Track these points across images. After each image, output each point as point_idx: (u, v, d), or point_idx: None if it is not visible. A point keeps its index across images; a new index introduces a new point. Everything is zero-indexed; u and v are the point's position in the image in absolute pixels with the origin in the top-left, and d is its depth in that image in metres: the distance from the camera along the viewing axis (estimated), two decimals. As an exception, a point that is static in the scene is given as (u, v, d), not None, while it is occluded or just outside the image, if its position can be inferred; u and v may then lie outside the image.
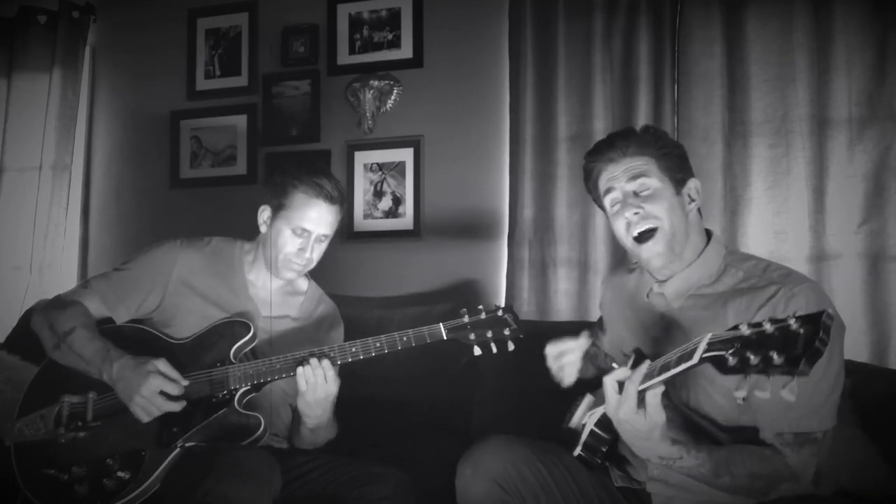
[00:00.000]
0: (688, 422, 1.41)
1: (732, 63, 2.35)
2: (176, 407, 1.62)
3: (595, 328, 1.82)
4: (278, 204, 1.80)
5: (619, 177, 1.48)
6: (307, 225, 1.77)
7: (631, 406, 1.21)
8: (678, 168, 1.49)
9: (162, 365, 1.63)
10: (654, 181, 1.45)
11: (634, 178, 1.45)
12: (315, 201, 1.77)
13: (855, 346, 2.15)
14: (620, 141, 1.49)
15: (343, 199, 1.84)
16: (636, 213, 1.44)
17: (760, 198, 2.32)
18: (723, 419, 1.38)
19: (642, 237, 1.44)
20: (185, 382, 1.65)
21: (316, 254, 1.82)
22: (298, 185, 1.78)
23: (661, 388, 1.19)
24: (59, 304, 1.80)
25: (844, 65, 2.23)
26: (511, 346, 1.67)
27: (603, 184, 1.52)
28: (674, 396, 1.41)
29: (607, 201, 1.52)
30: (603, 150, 1.52)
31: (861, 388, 1.80)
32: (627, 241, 1.48)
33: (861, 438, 1.73)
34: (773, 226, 2.31)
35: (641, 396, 1.21)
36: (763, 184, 2.32)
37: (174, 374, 1.64)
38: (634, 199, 1.45)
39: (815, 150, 2.26)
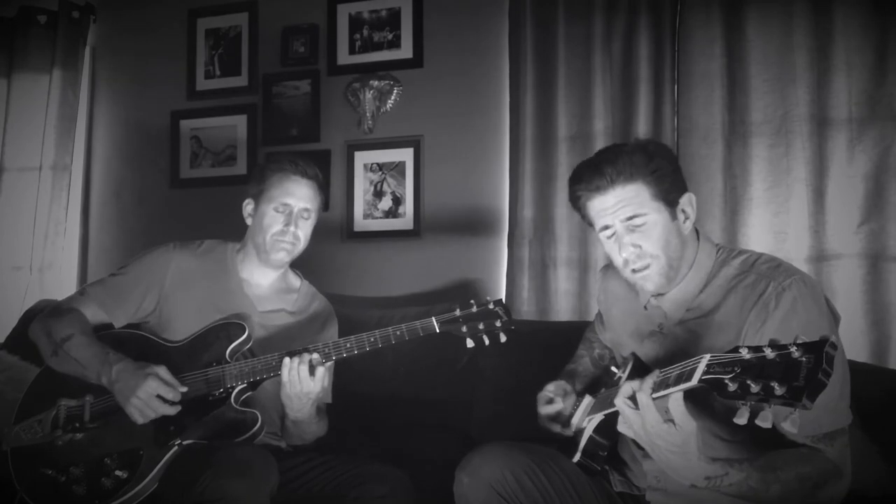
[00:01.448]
0: (709, 438, 1.37)
1: (732, 63, 2.34)
2: (171, 411, 1.63)
3: (596, 323, 1.82)
4: (258, 191, 1.88)
5: (612, 211, 1.39)
6: (286, 199, 1.83)
7: (654, 416, 1.13)
8: (671, 187, 1.40)
9: (161, 370, 1.64)
10: (650, 214, 1.37)
11: (629, 217, 1.38)
12: (291, 177, 1.84)
13: (855, 346, 2.15)
14: (608, 168, 1.38)
15: (320, 179, 1.90)
16: (634, 252, 1.40)
17: (760, 198, 2.32)
18: (725, 425, 1.34)
19: (638, 269, 1.41)
20: (184, 388, 1.66)
21: (302, 232, 1.86)
22: (273, 168, 1.87)
23: (681, 395, 1.11)
24: (57, 311, 1.82)
25: (844, 65, 2.23)
26: (503, 338, 1.68)
27: (594, 216, 1.44)
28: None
29: (601, 234, 1.45)
30: (588, 179, 1.41)
31: (861, 388, 1.79)
32: (624, 271, 1.45)
33: (861, 438, 1.73)
34: (773, 226, 2.30)
35: (664, 409, 1.13)
36: (763, 184, 2.32)
37: (172, 379, 1.65)
38: (630, 235, 1.39)
39: (815, 150, 2.25)
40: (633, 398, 1.17)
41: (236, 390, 1.69)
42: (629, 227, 1.39)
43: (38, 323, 1.80)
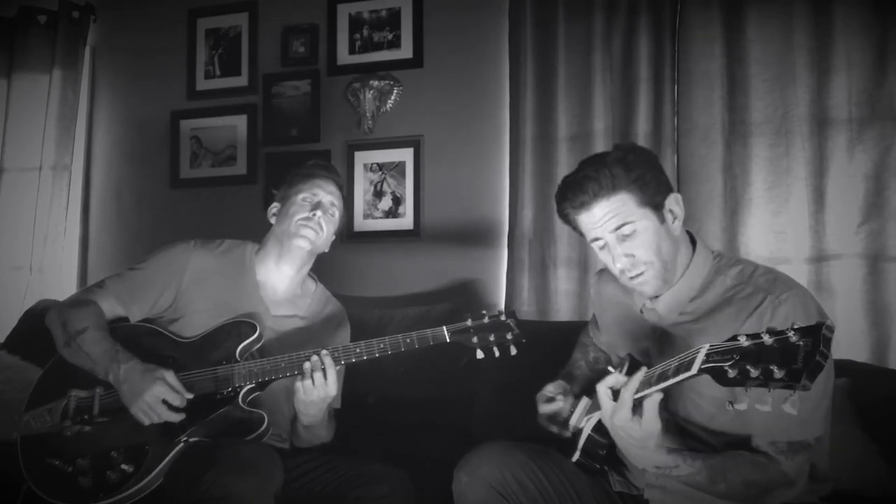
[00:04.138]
0: (681, 429, 1.41)
1: (732, 63, 2.35)
2: (175, 418, 1.63)
3: (591, 326, 1.82)
4: (285, 194, 1.92)
5: (601, 224, 1.40)
6: (313, 190, 1.88)
7: (626, 414, 1.20)
8: (656, 191, 1.40)
9: (169, 375, 1.65)
10: (639, 222, 1.38)
11: (618, 227, 1.38)
12: (318, 173, 1.92)
13: (855, 346, 2.15)
14: (590, 184, 1.38)
15: (343, 187, 1.96)
16: (628, 261, 1.40)
17: (760, 198, 2.32)
18: (714, 427, 1.37)
19: (635, 276, 1.42)
20: (189, 396, 1.66)
21: (325, 225, 1.87)
22: (301, 170, 1.94)
23: (659, 396, 1.18)
24: (75, 303, 1.83)
25: (844, 65, 2.23)
26: (513, 351, 1.68)
27: (584, 230, 1.45)
28: (664, 406, 1.40)
29: (594, 246, 1.46)
30: (571, 197, 1.42)
31: (861, 388, 1.81)
32: (621, 278, 1.45)
33: (861, 438, 1.74)
34: (773, 226, 2.30)
35: (637, 404, 1.20)
36: (763, 184, 2.32)
37: (179, 385, 1.65)
38: (622, 245, 1.39)
39: (815, 150, 2.26)
40: (616, 390, 1.24)
41: (244, 390, 1.69)
42: (619, 238, 1.39)
43: (55, 312, 1.81)
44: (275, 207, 1.94)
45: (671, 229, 1.42)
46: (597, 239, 1.43)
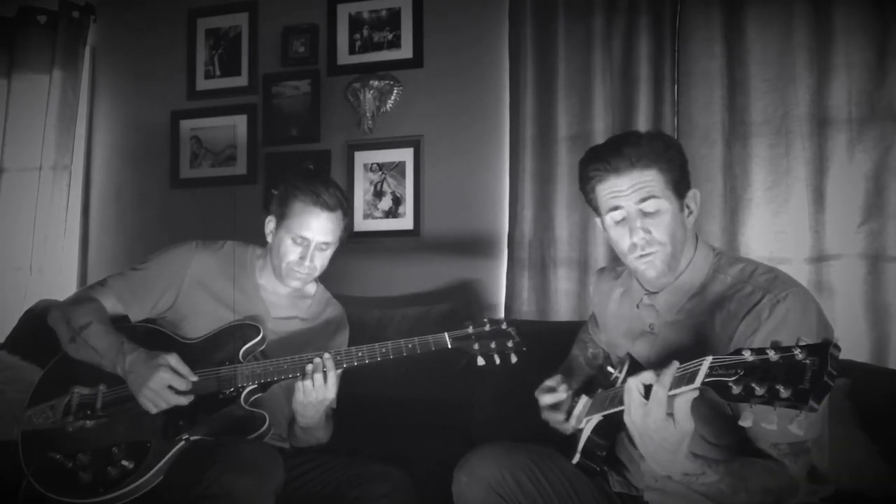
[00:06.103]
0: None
1: (732, 63, 2.34)
2: (183, 401, 1.64)
3: (590, 324, 1.82)
4: (280, 213, 1.84)
5: (627, 194, 1.39)
6: (305, 233, 1.79)
7: (662, 414, 1.10)
8: (681, 179, 1.42)
9: (173, 360, 1.66)
10: (663, 201, 1.38)
11: (644, 199, 1.38)
12: (312, 209, 1.79)
13: (855, 346, 2.15)
14: (629, 150, 1.38)
15: (344, 206, 1.85)
16: (644, 237, 1.39)
17: (760, 198, 2.32)
18: (712, 428, 1.36)
19: (645, 255, 1.41)
20: (194, 378, 1.67)
21: (318, 261, 1.84)
22: (298, 195, 1.81)
23: (695, 394, 1.08)
24: (77, 300, 1.84)
25: (844, 65, 2.23)
26: (514, 359, 1.69)
27: (606, 196, 1.43)
28: None
29: (609, 216, 1.43)
30: (608, 158, 1.40)
31: (861, 388, 1.80)
32: (628, 256, 1.44)
33: (861, 438, 1.74)
34: (773, 226, 2.30)
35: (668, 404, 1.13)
36: (763, 184, 2.32)
37: (184, 369, 1.66)
38: (643, 220, 1.39)
39: (815, 150, 2.25)
40: (647, 387, 1.14)
41: (246, 390, 1.70)
42: (642, 212, 1.39)
43: (57, 310, 1.82)
44: (271, 223, 1.87)
45: (686, 222, 1.44)
46: (616, 208, 1.41)
